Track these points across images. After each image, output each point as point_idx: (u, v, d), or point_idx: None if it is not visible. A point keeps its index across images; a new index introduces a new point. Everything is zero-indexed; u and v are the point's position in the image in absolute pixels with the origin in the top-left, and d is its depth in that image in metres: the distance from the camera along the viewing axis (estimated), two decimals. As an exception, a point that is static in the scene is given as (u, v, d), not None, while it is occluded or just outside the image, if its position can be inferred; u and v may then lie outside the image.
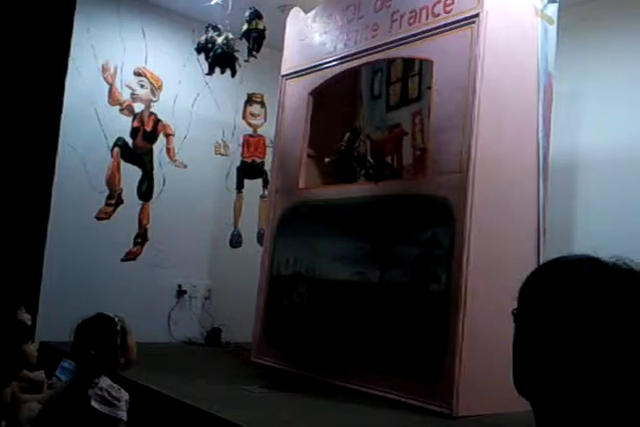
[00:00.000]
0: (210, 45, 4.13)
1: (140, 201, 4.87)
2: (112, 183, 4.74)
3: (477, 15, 3.07)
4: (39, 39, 4.25)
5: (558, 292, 0.84)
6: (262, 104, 5.49)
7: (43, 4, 4.25)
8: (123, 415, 2.00)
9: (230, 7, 4.12)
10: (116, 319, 2.12)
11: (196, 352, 4.57)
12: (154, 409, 2.94)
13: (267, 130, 5.34)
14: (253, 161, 5.47)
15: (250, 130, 5.46)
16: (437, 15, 3.28)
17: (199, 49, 4.22)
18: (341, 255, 3.56)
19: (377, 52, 3.63)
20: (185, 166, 5.06)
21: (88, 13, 4.58)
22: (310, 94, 4.05)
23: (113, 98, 4.77)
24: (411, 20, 3.42)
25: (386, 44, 3.55)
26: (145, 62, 4.91)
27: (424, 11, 3.35)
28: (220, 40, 4.10)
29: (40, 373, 3.00)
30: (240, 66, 4.23)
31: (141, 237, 4.85)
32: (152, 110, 4.94)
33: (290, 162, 4.11)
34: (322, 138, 4.07)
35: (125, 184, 4.79)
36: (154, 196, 4.92)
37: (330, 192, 3.86)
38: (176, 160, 5.03)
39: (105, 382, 2.02)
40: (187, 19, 4.92)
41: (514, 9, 3.24)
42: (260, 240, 4.89)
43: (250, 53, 4.12)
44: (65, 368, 3.23)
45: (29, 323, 2.71)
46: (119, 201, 4.76)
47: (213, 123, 5.20)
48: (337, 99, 4.24)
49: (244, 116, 5.43)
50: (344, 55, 3.82)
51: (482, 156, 3.00)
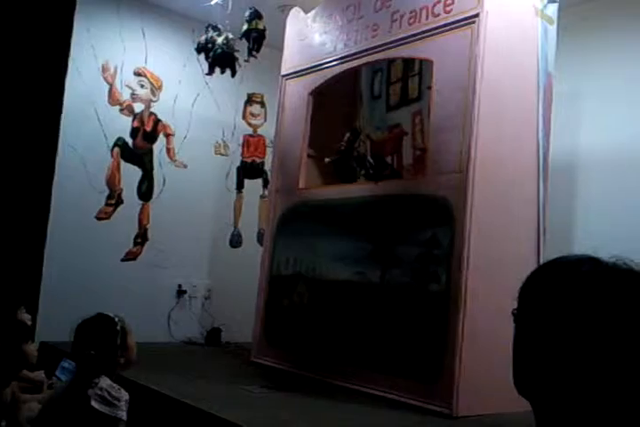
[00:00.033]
0: (210, 45, 4.13)
1: (140, 201, 4.87)
2: (112, 183, 4.74)
3: (477, 15, 3.07)
4: (39, 39, 4.25)
5: (558, 292, 0.84)
6: (262, 104, 5.49)
7: (43, 4, 4.25)
8: (123, 415, 2.00)
9: (230, 7, 4.13)
10: (116, 319, 2.12)
11: (196, 352, 4.57)
12: (154, 409, 2.94)
13: (267, 130, 5.34)
14: (253, 161, 5.47)
15: (250, 130, 5.46)
16: (437, 15, 3.28)
17: (199, 49, 4.22)
18: (341, 255, 3.56)
19: (377, 52, 3.63)
20: (185, 166, 5.06)
21: (88, 13, 4.59)
22: (310, 94, 4.05)
23: (113, 98, 4.77)
24: (411, 20, 3.42)
25: (386, 44, 3.55)
26: (145, 62, 4.91)
27: (424, 11, 3.35)
28: (220, 40, 4.10)
29: (40, 373, 3.00)
30: (240, 66, 4.23)
31: (141, 237, 4.85)
32: (152, 110, 4.94)
33: (290, 162, 4.11)
34: (322, 138, 4.07)
35: (125, 184, 4.79)
36: (154, 196, 4.92)
37: (330, 192, 3.86)
38: (176, 160, 5.03)
39: (105, 381, 2.03)
40: (187, 19, 4.92)
41: (514, 9, 3.24)
42: (260, 240, 4.89)
43: (250, 53, 4.12)
44: (65, 368, 3.23)
45: (29, 323, 2.71)
46: (119, 201, 4.76)
47: (213, 123, 5.20)
48: (337, 99, 4.23)
49: (244, 116, 5.42)
50: (344, 55, 3.82)
51: (482, 156, 3.00)
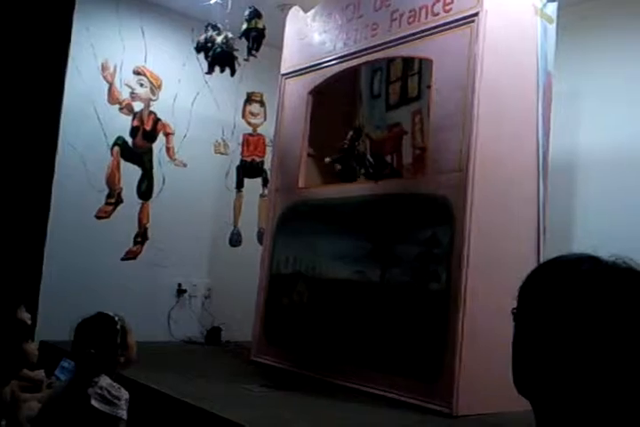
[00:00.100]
0: (209, 44, 4.13)
1: (140, 200, 4.87)
2: (112, 182, 4.74)
3: (477, 14, 3.07)
4: (39, 38, 4.25)
5: (558, 291, 0.84)
6: (262, 103, 5.49)
7: (42, 4, 4.25)
8: (123, 414, 2.00)
9: (230, 6, 4.12)
10: (116, 318, 2.12)
11: (196, 351, 4.57)
12: (154, 408, 2.95)
13: (266, 129, 5.34)
14: (253, 160, 5.47)
15: (249, 129, 5.45)
16: (437, 14, 3.28)
17: (199, 48, 4.21)
18: (341, 254, 3.56)
19: (376, 51, 3.62)
20: (185, 165, 5.06)
21: (87, 12, 4.58)
22: (310, 93, 4.05)
23: (112, 97, 4.76)
24: (410, 19, 3.42)
25: (385, 43, 3.55)
26: (144, 61, 4.91)
27: (423, 10, 3.35)
28: (220, 39, 4.10)
29: (40, 372, 3.00)
30: (239, 65, 4.23)
31: (141, 236, 4.85)
32: (152, 109, 4.94)
33: (289, 161, 4.11)
34: (321, 137, 4.07)
35: (125, 183, 4.79)
36: (153, 195, 4.92)
37: (329, 191, 3.86)
38: (176, 159, 5.03)
39: (105, 380, 2.03)
40: (186, 18, 4.92)
41: (513, 8, 3.24)
42: (260, 239, 4.89)
43: (249, 52, 4.12)
44: (65, 367, 3.22)
45: (29, 322, 2.70)
46: (119, 200, 4.76)
47: (213, 122, 5.20)
48: (336, 98, 4.23)
49: (244, 115, 5.42)
50: (344, 54, 3.82)
51: (481, 155, 3.00)
